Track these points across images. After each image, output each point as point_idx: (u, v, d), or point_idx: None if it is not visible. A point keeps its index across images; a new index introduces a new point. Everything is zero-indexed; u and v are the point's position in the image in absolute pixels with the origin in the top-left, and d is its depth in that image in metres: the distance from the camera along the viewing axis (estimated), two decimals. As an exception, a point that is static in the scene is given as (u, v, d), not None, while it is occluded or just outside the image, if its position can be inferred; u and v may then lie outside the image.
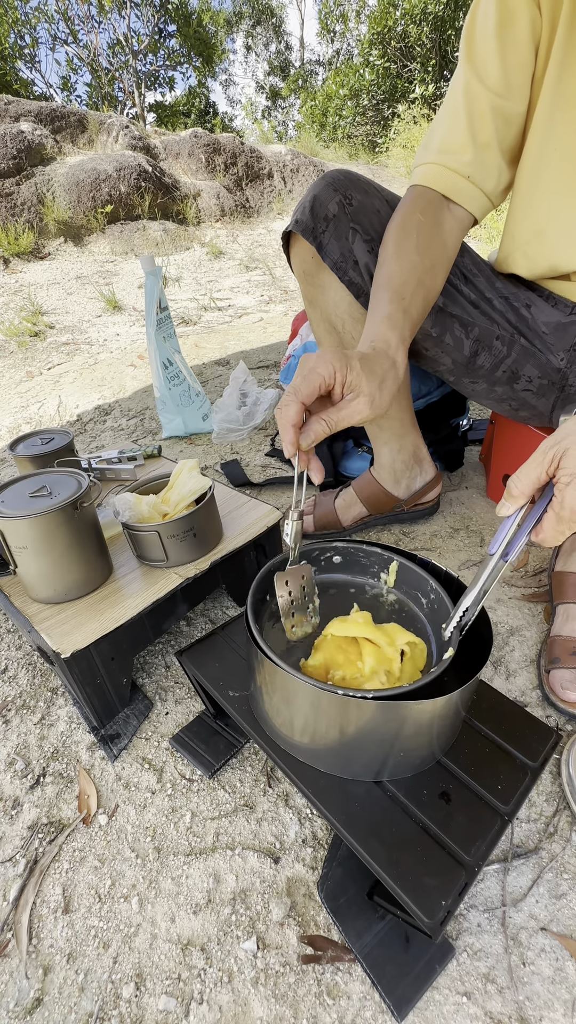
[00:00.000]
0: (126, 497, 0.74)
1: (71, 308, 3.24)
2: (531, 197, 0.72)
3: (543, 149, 0.68)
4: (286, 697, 0.48)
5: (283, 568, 0.56)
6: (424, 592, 0.59)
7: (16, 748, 0.73)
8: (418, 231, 0.67)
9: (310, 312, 0.92)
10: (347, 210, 0.78)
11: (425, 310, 0.66)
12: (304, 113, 11.31)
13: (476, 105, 0.67)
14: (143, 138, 4.98)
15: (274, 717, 0.52)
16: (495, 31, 0.63)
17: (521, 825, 0.60)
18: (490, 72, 0.65)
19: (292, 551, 0.56)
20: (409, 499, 1.06)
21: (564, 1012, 0.47)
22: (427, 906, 0.41)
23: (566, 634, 0.77)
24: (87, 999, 0.50)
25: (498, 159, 0.70)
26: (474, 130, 0.67)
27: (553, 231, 0.72)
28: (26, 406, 2.03)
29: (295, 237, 0.84)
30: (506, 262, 0.81)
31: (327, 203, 0.78)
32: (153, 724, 0.75)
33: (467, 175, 0.69)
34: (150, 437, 1.66)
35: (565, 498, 0.43)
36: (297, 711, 0.48)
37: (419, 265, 0.66)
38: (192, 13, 11.98)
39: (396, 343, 0.59)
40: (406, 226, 0.68)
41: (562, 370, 0.82)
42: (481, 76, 0.66)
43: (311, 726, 0.48)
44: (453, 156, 0.69)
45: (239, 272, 4.10)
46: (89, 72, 11.35)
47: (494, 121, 0.67)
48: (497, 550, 0.47)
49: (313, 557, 0.63)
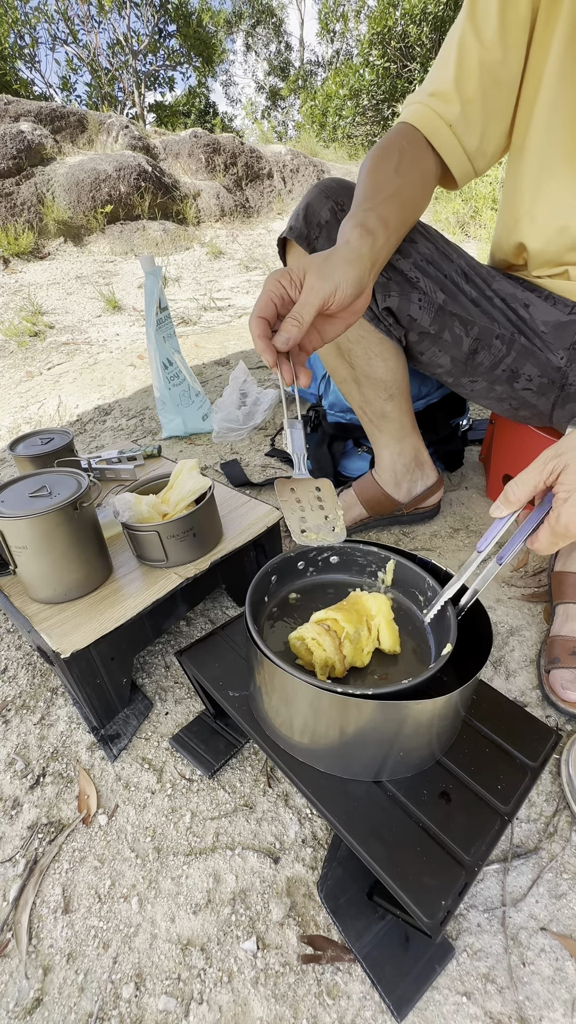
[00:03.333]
0: (126, 497, 0.74)
1: (71, 308, 3.24)
2: (542, 162, 0.71)
3: (554, 108, 0.67)
4: (285, 697, 0.48)
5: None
6: (422, 590, 0.59)
7: (16, 748, 0.73)
8: (400, 154, 0.68)
9: None
10: (339, 216, 0.78)
11: (399, 217, 0.65)
12: (304, 113, 11.30)
13: (466, 58, 0.67)
14: (143, 138, 4.98)
15: (274, 717, 0.52)
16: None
17: (521, 825, 0.60)
18: (486, 27, 0.65)
19: (300, 458, 0.54)
20: (410, 503, 1.06)
21: (564, 1012, 0.47)
22: (427, 906, 0.41)
23: (566, 634, 0.77)
24: (87, 999, 0.50)
25: (482, 118, 0.70)
26: (460, 82, 0.68)
27: (561, 198, 0.72)
28: (26, 406, 2.03)
29: (291, 244, 0.85)
30: (510, 235, 0.80)
31: (320, 210, 0.79)
32: (153, 724, 0.75)
33: (449, 123, 0.69)
34: (150, 437, 1.66)
35: (561, 514, 0.44)
36: (296, 711, 0.48)
37: (395, 180, 0.66)
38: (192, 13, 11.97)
39: (350, 229, 0.59)
40: (388, 148, 0.69)
41: (562, 369, 0.82)
42: (477, 30, 0.66)
43: (311, 726, 0.48)
44: (439, 102, 0.69)
45: (239, 272, 4.10)
46: (89, 72, 11.34)
47: (481, 77, 0.67)
48: (485, 548, 0.48)
49: (310, 558, 0.63)
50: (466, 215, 5.05)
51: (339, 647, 0.51)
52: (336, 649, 0.51)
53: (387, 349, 0.87)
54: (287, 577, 0.62)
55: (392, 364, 0.89)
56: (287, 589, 0.62)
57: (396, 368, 0.89)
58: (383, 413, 0.95)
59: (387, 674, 0.54)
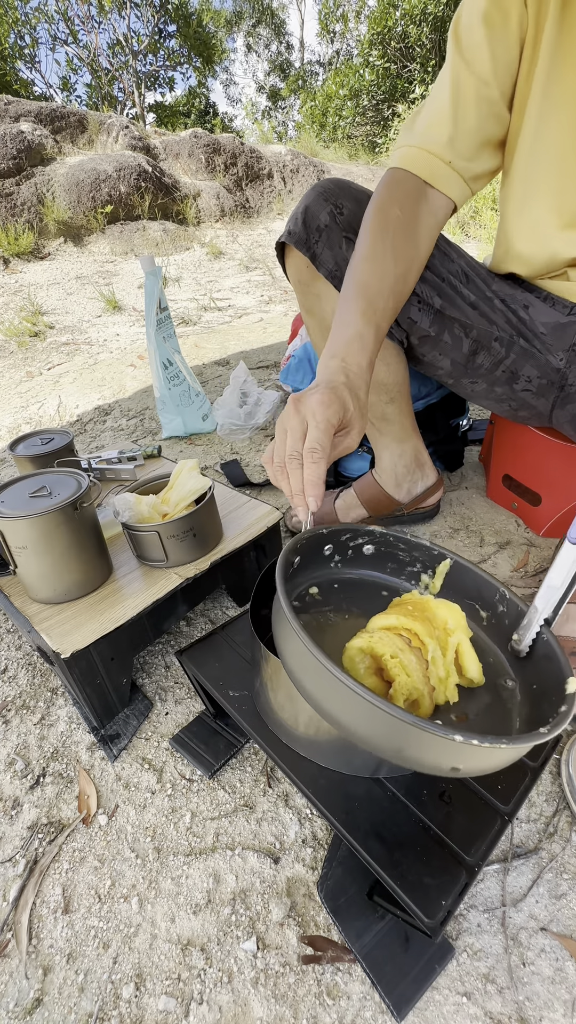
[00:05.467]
0: (126, 497, 0.74)
1: (71, 308, 3.24)
2: (525, 190, 0.72)
3: (536, 139, 0.68)
4: (291, 689, 0.42)
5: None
6: (488, 603, 0.47)
7: (16, 748, 0.73)
8: (395, 230, 0.66)
9: (307, 320, 0.92)
10: (338, 220, 0.78)
11: (391, 319, 0.65)
12: (304, 113, 11.31)
13: (462, 91, 0.67)
14: (143, 138, 4.98)
15: (279, 711, 0.50)
16: (482, 18, 0.64)
17: (521, 825, 0.60)
18: (477, 59, 0.66)
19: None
20: (410, 503, 1.06)
21: (564, 1012, 0.47)
22: (427, 906, 0.41)
23: (566, 634, 0.77)
24: (87, 999, 0.50)
25: (479, 147, 0.70)
26: (458, 116, 0.68)
27: (547, 222, 0.73)
28: (26, 406, 2.03)
29: (289, 248, 0.85)
30: (505, 259, 0.82)
31: (318, 213, 0.79)
32: (153, 724, 0.75)
33: (448, 160, 0.69)
34: (150, 437, 1.66)
35: None
36: (302, 707, 0.47)
37: (392, 272, 0.64)
38: (192, 13, 11.97)
39: (366, 367, 0.57)
40: (384, 223, 0.67)
41: (561, 370, 0.82)
42: (468, 62, 0.66)
43: (315, 721, 0.48)
44: (435, 140, 0.68)
45: (239, 272, 4.10)
46: (89, 72, 11.34)
47: (478, 108, 0.67)
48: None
49: (340, 542, 0.52)
50: (466, 215, 5.06)
51: (427, 673, 0.39)
52: (424, 676, 0.39)
53: (389, 352, 0.87)
54: (310, 563, 0.51)
55: (394, 367, 0.89)
56: (308, 580, 0.51)
57: (398, 371, 0.90)
58: (384, 416, 0.95)
59: (466, 715, 0.41)
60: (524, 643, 0.43)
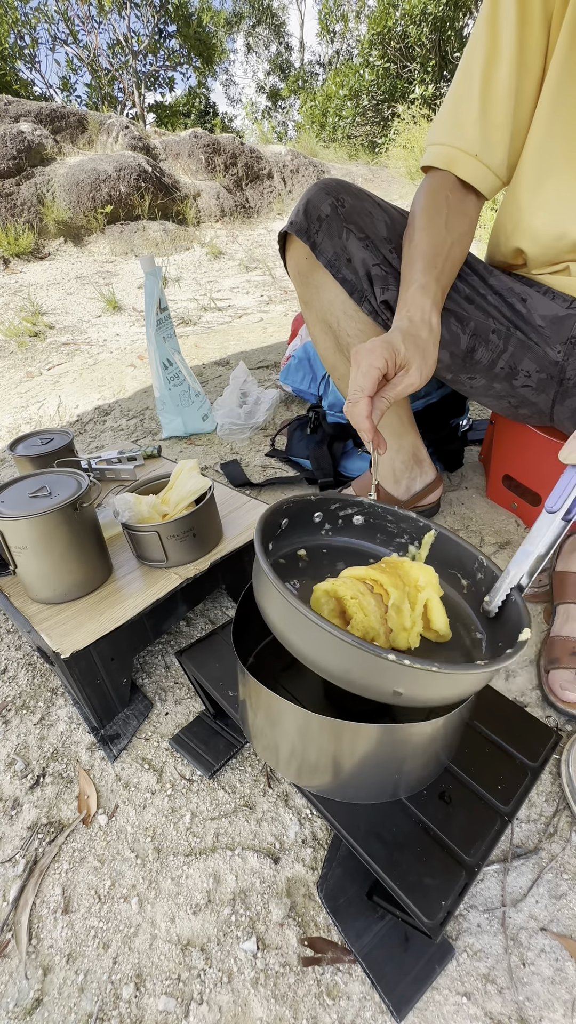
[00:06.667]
0: (126, 497, 0.74)
1: (71, 308, 3.24)
2: (540, 167, 0.73)
3: (553, 115, 0.69)
4: (272, 718, 0.44)
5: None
6: (468, 572, 0.50)
7: (16, 748, 0.73)
8: (448, 207, 0.72)
9: (306, 314, 0.93)
10: (339, 211, 0.79)
11: (451, 279, 0.72)
12: (304, 113, 11.30)
13: (492, 83, 0.69)
14: (143, 138, 4.98)
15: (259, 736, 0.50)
16: (515, 6, 0.65)
17: (521, 825, 0.60)
18: (505, 49, 0.66)
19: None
20: (409, 500, 1.06)
21: (564, 1012, 0.47)
22: (427, 906, 0.41)
23: (566, 634, 0.77)
24: (87, 999, 0.50)
25: (508, 137, 0.72)
26: (487, 110, 0.70)
27: (559, 203, 0.73)
28: (26, 406, 2.03)
29: (291, 239, 0.86)
30: (508, 239, 0.82)
31: (320, 205, 0.80)
32: (153, 724, 0.75)
33: (475, 153, 0.72)
34: (150, 437, 1.66)
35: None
36: (283, 735, 0.45)
37: (447, 238, 0.71)
38: (192, 13, 11.97)
39: (430, 308, 0.64)
40: (436, 202, 0.73)
41: (559, 363, 0.82)
42: (498, 55, 0.67)
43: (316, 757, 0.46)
44: (464, 136, 0.72)
45: (239, 272, 4.10)
46: (89, 72, 11.35)
47: (506, 100, 0.69)
48: (561, 507, 0.39)
49: (330, 511, 0.54)
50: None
51: (384, 616, 0.42)
52: (381, 618, 0.42)
53: None
54: (298, 527, 0.53)
55: None
56: (297, 543, 0.53)
57: None
58: None
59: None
60: (494, 604, 0.45)
